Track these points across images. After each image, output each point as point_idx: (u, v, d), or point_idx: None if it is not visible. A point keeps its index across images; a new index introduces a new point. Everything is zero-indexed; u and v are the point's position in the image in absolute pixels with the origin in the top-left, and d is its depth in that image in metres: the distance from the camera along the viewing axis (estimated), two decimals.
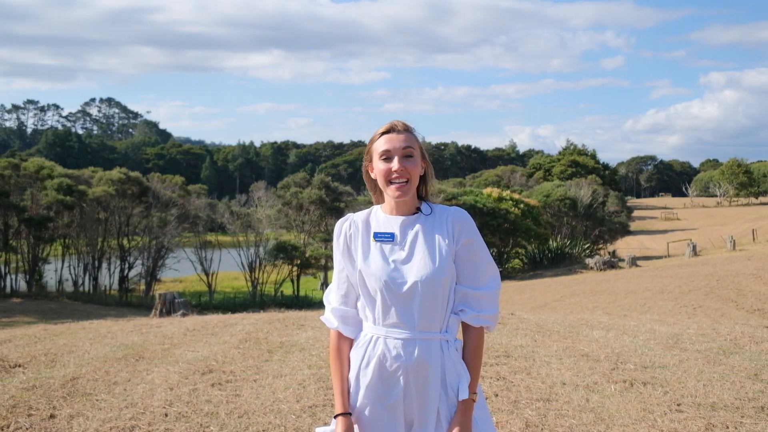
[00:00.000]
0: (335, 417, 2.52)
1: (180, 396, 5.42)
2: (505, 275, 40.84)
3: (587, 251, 46.89)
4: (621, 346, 7.37)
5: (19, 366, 6.91)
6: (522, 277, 40.01)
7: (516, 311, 15.58)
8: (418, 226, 2.52)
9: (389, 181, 2.50)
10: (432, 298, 2.42)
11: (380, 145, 2.54)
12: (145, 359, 7.20)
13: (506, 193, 46.24)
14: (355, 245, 2.56)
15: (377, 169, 2.54)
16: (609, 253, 48.81)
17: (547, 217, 48.32)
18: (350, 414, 2.51)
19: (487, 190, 46.88)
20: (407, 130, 2.58)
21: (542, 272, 40.24)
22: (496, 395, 5.33)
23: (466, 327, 2.52)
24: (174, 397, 5.38)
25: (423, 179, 2.62)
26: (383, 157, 2.52)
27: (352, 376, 2.54)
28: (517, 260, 45.84)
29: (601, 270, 36.38)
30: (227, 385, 5.74)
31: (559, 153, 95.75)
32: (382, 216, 2.59)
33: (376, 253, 2.51)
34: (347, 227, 2.62)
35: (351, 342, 2.60)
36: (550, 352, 7.02)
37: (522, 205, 44.01)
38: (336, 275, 2.66)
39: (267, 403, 5.21)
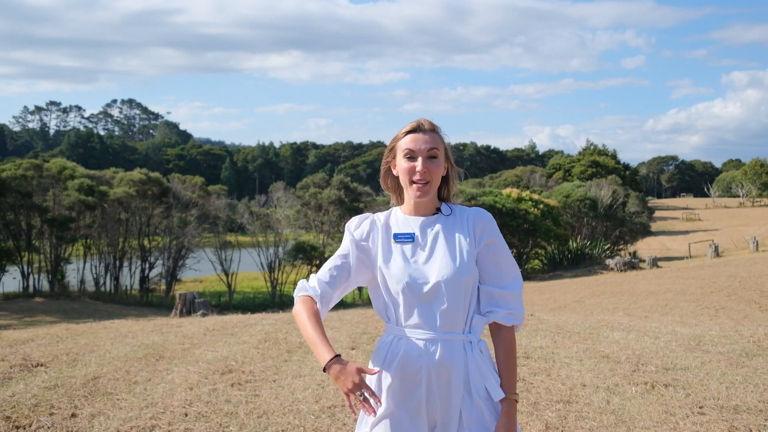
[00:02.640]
0: (327, 366, 2.33)
1: (200, 396, 5.45)
2: (525, 276, 40.65)
3: (607, 252, 46.52)
4: (642, 348, 7.30)
5: (42, 365, 6.98)
6: (541, 277, 39.80)
7: (536, 312, 15.50)
8: (438, 226, 2.50)
9: (411, 181, 2.48)
10: (454, 298, 2.38)
11: (405, 144, 2.51)
12: (165, 359, 7.25)
13: (526, 194, 46.02)
14: (375, 245, 2.53)
15: (400, 167, 2.51)
16: (629, 254, 48.40)
17: (566, 218, 48.03)
18: (340, 356, 2.40)
19: (506, 191, 46.68)
20: (433, 129, 2.56)
21: (562, 273, 39.98)
22: None
23: (497, 327, 2.49)
24: (194, 397, 5.40)
25: (445, 180, 2.61)
26: (407, 156, 2.49)
27: (373, 377, 2.47)
28: (536, 261, 45.60)
29: (621, 271, 36.05)
30: (246, 385, 5.76)
31: (579, 153, 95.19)
32: (401, 217, 2.56)
33: (397, 254, 2.47)
34: (367, 224, 2.57)
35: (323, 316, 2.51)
36: (570, 354, 6.97)
37: (542, 206, 43.77)
38: (334, 257, 2.59)
39: (286, 404, 5.22)
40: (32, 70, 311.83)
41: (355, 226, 2.59)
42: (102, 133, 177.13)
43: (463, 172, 2.80)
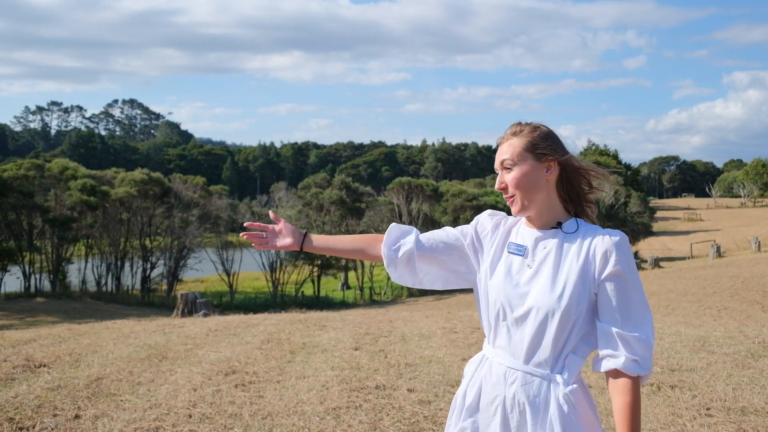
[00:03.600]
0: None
1: (204, 397, 5.42)
2: None
3: None
4: None
5: (44, 366, 6.96)
6: None
7: None
8: (552, 244, 2.16)
9: None
10: (544, 329, 2.08)
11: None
12: (168, 359, 7.22)
13: None
14: (487, 249, 2.29)
15: None
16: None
17: None
18: (308, 237, 2.46)
19: None
20: (514, 134, 2.27)
21: None
22: None
23: (616, 377, 2.04)
24: (198, 398, 5.38)
25: (566, 188, 2.24)
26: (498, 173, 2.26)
27: (460, 392, 2.31)
28: None
29: None
30: (250, 386, 5.73)
31: (581, 153, 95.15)
32: (523, 226, 2.28)
33: (502, 267, 2.21)
34: (493, 223, 2.34)
35: (376, 252, 2.40)
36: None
37: None
38: (443, 229, 2.41)
39: (290, 405, 5.19)
40: (34, 71, 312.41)
41: (482, 221, 2.36)
42: (103, 133, 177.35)
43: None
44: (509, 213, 2.33)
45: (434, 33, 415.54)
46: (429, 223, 40.75)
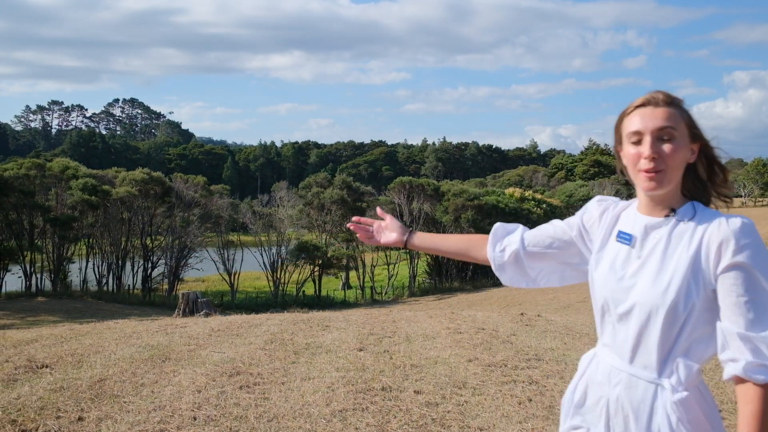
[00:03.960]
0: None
1: (208, 399, 5.36)
2: None
3: None
4: None
5: (46, 367, 6.90)
6: None
7: (542, 313, 15.42)
8: (663, 233, 1.92)
9: (639, 170, 1.91)
10: (649, 328, 1.87)
11: (631, 123, 1.96)
12: (171, 360, 7.16)
13: (528, 193, 45.97)
14: (596, 236, 2.10)
15: (626, 154, 1.97)
16: None
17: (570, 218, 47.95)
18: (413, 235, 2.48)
19: (509, 191, 46.63)
20: (670, 102, 1.96)
21: None
22: (530, 400, 5.21)
23: (743, 384, 1.77)
24: (202, 400, 5.31)
25: (694, 172, 1.98)
26: (633, 140, 1.94)
27: (570, 387, 2.17)
28: None
29: None
30: (255, 388, 5.67)
31: (582, 153, 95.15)
32: (632, 212, 2.04)
33: (608, 258, 2.02)
34: (599, 210, 2.14)
35: (482, 254, 2.34)
36: (581, 356, 6.88)
37: (544, 206, 43.72)
38: (550, 223, 2.27)
39: (296, 407, 5.13)
40: (34, 70, 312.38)
41: (590, 209, 2.17)
42: (104, 132, 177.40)
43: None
44: (512, 211, 2.25)
45: (434, 33, 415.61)
46: (430, 223, 40.68)
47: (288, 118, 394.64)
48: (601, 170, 77.61)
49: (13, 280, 36.49)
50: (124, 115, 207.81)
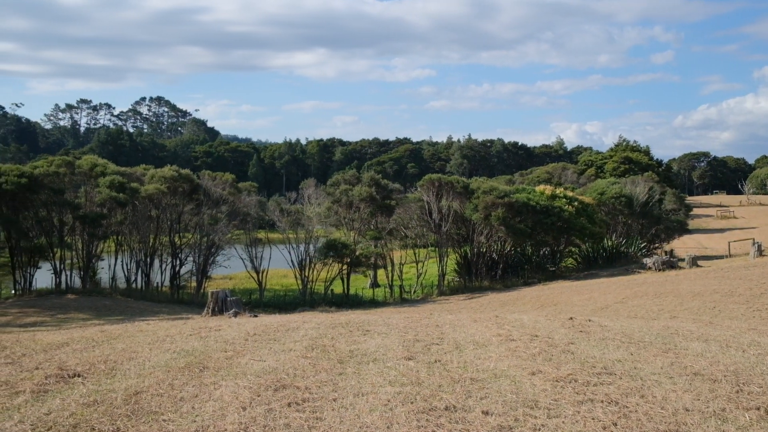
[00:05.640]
0: None
1: (255, 418, 4.88)
2: (559, 275, 39.84)
3: (643, 251, 45.39)
4: (734, 363, 6.60)
5: (78, 375, 6.48)
6: (576, 276, 38.86)
7: (582, 315, 14.78)
8: None
9: None
10: None
11: None
12: (209, 369, 6.71)
13: (560, 191, 45.06)
14: None
15: None
16: (666, 252, 47.19)
17: (601, 216, 46.96)
18: None
19: (539, 188, 45.76)
20: None
21: (597, 272, 39.01)
22: (615, 424, 4.65)
23: None
24: (249, 420, 4.83)
25: None
26: None
27: None
28: (570, 259, 44.62)
29: (660, 270, 34.93)
30: (305, 405, 5.18)
31: (611, 149, 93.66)
32: None
33: None
34: None
35: None
36: (655, 369, 6.29)
37: (576, 203, 42.79)
38: None
39: (354, 430, 4.63)
40: (63, 69, 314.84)
41: None
42: (131, 130, 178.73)
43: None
44: (543, 209, 1.70)
45: (458, 29, 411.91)
46: (459, 221, 40.04)
47: (312, 115, 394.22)
48: (631, 167, 76.31)
49: (44, 277, 36.51)
50: (150, 114, 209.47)
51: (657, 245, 52.55)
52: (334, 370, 6.52)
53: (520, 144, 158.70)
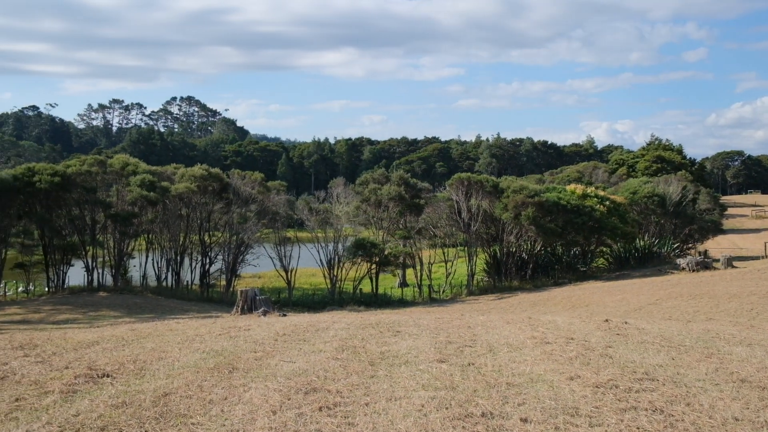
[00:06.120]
0: None
1: (285, 423, 4.74)
2: (590, 275, 39.31)
3: (676, 251, 44.61)
4: None
5: (107, 376, 6.42)
6: (608, 277, 38.29)
7: (623, 318, 14.47)
8: None
9: None
10: None
11: None
12: (239, 370, 6.60)
13: (591, 190, 44.45)
14: None
15: None
16: (700, 253, 46.31)
17: (633, 215, 46.25)
18: None
19: (570, 187, 45.20)
20: None
21: (629, 272, 38.40)
22: None
23: None
24: (279, 425, 4.70)
25: None
26: None
27: None
28: (601, 260, 43.99)
29: (693, 271, 34.25)
30: (336, 410, 5.03)
31: (643, 148, 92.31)
32: None
33: None
34: None
35: None
36: (699, 375, 6.05)
37: (608, 202, 42.18)
38: None
39: None
40: (96, 70, 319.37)
41: None
42: (162, 130, 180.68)
43: None
44: (574, 209, 1.52)
45: (488, 27, 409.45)
46: (488, 220, 39.70)
47: (341, 114, 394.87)
48: (664, 166, 75.09)
49: (76, 275, 36.96)
50: (181, 113, 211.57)
51: (690, 245, 51.65)
52: (365, 373, 6.37)
53: (549, 143, 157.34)
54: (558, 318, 11.37)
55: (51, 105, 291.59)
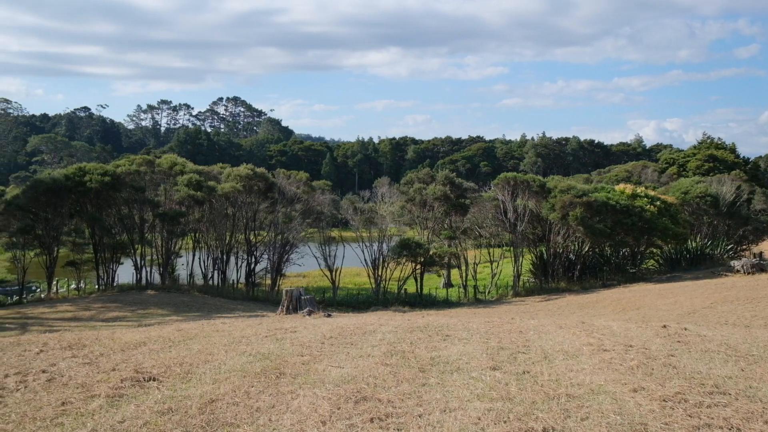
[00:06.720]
0: None
1: None
2: (639, 277, 38.41)
3: (730, 253, 43.23)
4: None
5: (154, 379, 6.32)
6: (658, 279, 37.30)
7: (677, 322, 13.96)
8: None
9: None
10: None
11: None
12: (286, 376, 6.44)
13: (641, 190, 43.37)
14: None
15: None
16: (755, 254, 44.83)
17: (685, 216, 44.98)
18: None
19: (619, 187, 44.17)
20: None
21: (680, 275, 37.34)
22: None
23: None
24: None
25: None
26: None
27: None
28: (651, 261, 42.90)
29: (749, 273, 33.07)
30: (389, 421, 4.81)
31: (694, 147, 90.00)
32: None
33: None
34: None
35: None
36: None
37: (659, 203, 41.08)
38: None
39: None
40: (146, 71, 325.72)
41: None
42: (209, 130, 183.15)
43: None
44: (623, 209, 1.25)
45: (532, 26, 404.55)
46: (535, 220, 39.06)
47: (385, 114, 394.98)
48: (716, 165, 73.07)
49: (125, 273, 37.57)
50: (227, 113, 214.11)
51: (745, 247, 50.02)
52: (416, 381, 6.13)
53: (596, 142, 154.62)
54: (613, 323, 10.97)
55: (102, 106, 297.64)
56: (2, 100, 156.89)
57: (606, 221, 37.03)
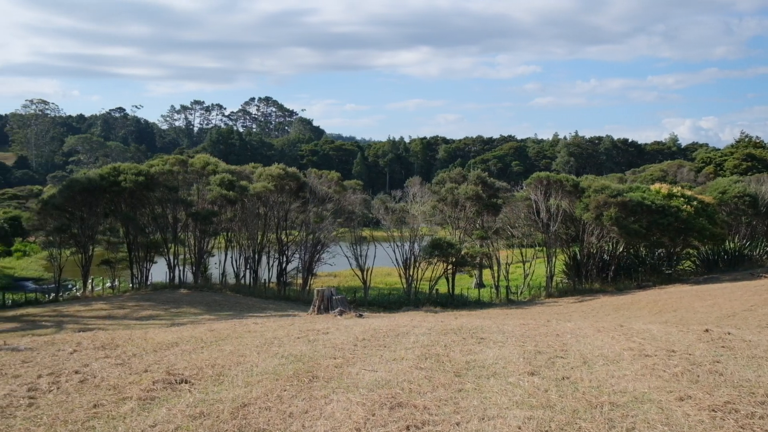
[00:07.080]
0: None
1: None
2: (675, 278, 37.71)
3: None
4: None
5: (186, 382, 6.25)
6: (695, 280, 36.57)
7: (717, 325, 13.56)
8: None
9: None
10: None
11: None
12: (319, 379, 6.32)
13: (677, 189, 42.56)
14: None
15: None
16: None
17: (722, 216, 44.03)
18: None
19: (655, 186, 43.40)
20: None
21: (718, 276, 36.56)
22: None
23: None
24: None
25: None
26: None
27: None
28: (688, 262, 42.08)
29: None
30: (425, 429, 4.66)
31: (731, 146, 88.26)
32: None
33: None
34: None
35: None
36: None
37: (695, 202, 40.26)
38: None
39: None
40: (179, 72, 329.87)
41: None
42: (241, 130, 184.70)
43: None
44: (659, 209, 1.07)
45: (564, 24, 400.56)
46: (568, 220, 38.55)
47: (415, 113, 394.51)
48: (754, 164, 71.56)
49: (158, 272, 37.95)
50: (259, 113, 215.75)
51: None
52: (452, 386, 5.97)
53: (630, 141, 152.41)
54: (652, 326, 10.67)
55: (136, 107, 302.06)
56: (40, 101, 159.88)
57: (641, 221, 36.38)
